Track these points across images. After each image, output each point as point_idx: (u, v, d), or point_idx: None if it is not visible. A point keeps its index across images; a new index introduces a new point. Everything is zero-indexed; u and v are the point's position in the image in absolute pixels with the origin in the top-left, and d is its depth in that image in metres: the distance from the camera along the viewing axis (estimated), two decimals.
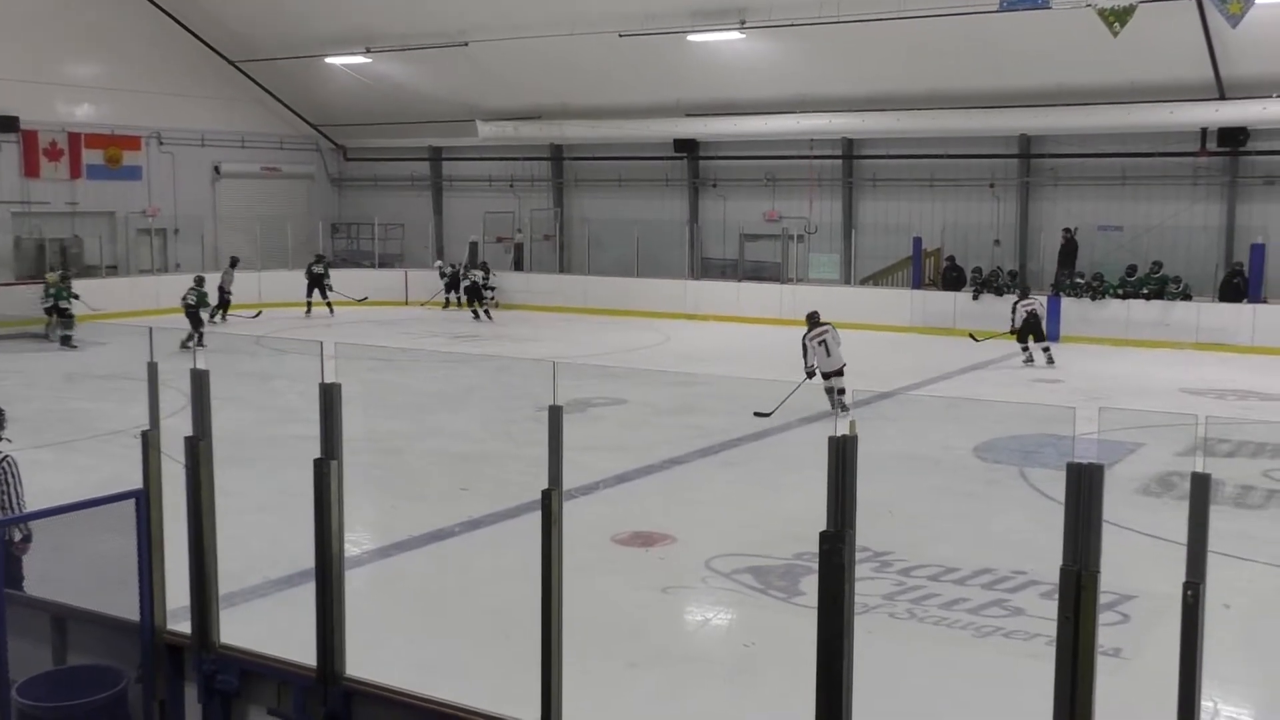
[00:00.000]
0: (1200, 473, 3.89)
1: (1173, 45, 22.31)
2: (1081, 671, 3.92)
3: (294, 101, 35.17)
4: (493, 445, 14.67)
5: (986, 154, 27.55)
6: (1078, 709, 3.94)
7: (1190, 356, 22.68)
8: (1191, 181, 25.66)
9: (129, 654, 6.45)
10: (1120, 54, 20.81)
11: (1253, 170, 25.16)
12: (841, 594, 4.35)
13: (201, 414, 6.26)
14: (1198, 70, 23.27)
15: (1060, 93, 25.06)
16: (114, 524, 6.30)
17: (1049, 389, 18.86)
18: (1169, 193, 25.89)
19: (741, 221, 31.20)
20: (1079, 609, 3.90)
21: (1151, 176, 25.91)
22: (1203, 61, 22.99)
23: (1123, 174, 26.19)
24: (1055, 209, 27.30)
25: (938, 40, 23.92)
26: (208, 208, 33.46)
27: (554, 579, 5.13)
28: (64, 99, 30.43)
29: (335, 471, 5.74)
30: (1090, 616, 3.90)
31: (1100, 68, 23.24)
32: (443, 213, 36.03)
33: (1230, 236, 25.29)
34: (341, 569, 5.90)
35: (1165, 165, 25.71)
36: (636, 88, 29.29)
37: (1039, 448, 13.98)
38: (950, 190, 28.31)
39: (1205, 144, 25.15)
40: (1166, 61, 22.96)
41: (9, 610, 6.03)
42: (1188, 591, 3.81)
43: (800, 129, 28.59)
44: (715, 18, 25.93)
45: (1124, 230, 26.10)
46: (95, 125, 30.99)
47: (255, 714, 6.19)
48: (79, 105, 30.82)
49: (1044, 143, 27.19)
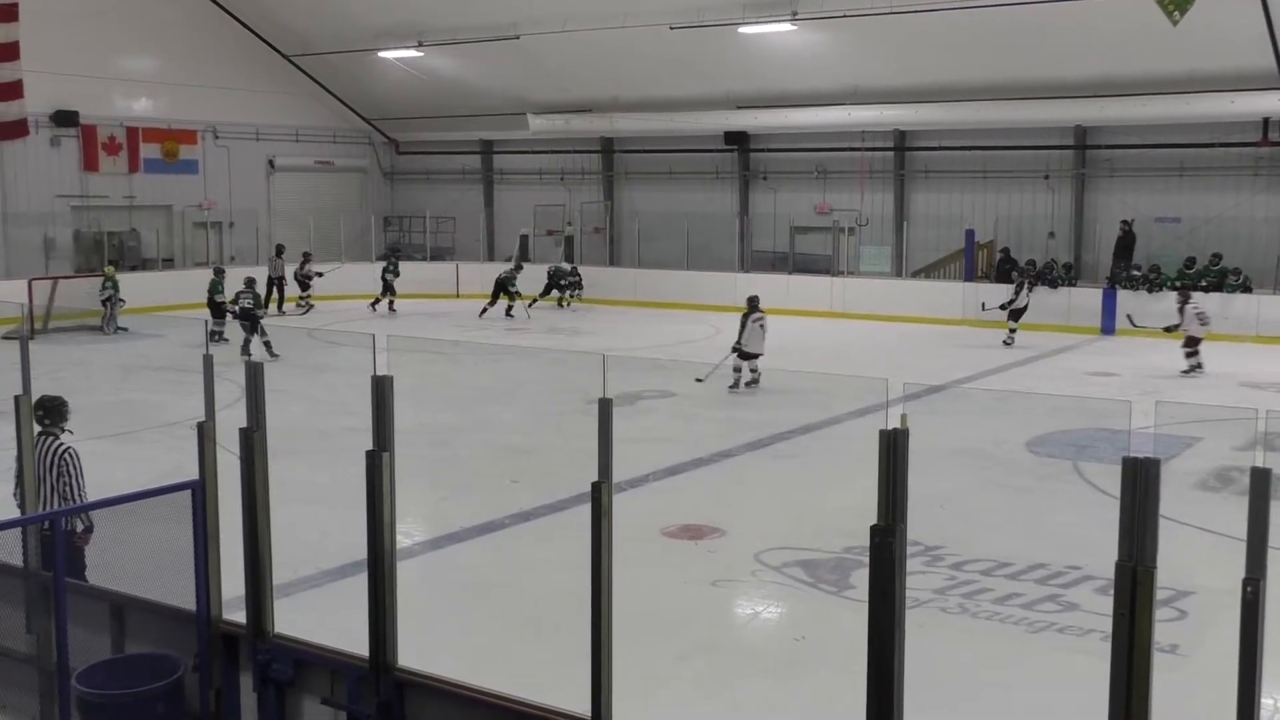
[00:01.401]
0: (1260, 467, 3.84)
1: (1233, 33, 21.99)
2: (1138, 668, 3.89)
3: (347, 95, 35.39)
4: (543, 438, 14.70)
5: (1041, 145, 27.23)
6: (1134, 706, 3.90)
7: (1250, 350, 22.37)
8: (1252, 172, 25.28)
9: (186, 643, 6.53)
10: (1179, 42, 20.51)
11: None
12: (893, 588, 4.33)
13: (256, 406, 6.32)
14: (1259, 58, 22.91)
15: (1117, 83, 24.73)
16: (171, 514, 6.38)
17: (1103, 383, 18.66)
18: (1229, 184, 25.53)
19: (792, 214, 31.03)
20: (1135, 605, 3.86)
21: (1211, 167, 25.54)
22: (1264, 49, 22.63)
23: (1181, 165, 25.82)
24: (1111, 201, 26.98)
25: (991, 30, 23.71)
26: (262, 201, 33.74)
27: (604, 571, 5.14)
28: (122, 94, 30.78)
29: (387, 463, 5.79)
30: (1147, 613, 3.86)
31: (1158, 57, 22.93)
32: (493, 206, 36.15)
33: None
34: (393, 560, 5.94)
35: (1225, 156, 25.33)
36: (687, 80, 29.22)
37: (1093, 442, 13.81)
38: (1004, 182, 28.03)
39: (1267, 134, 24.79)
40: (1227, 50, 22.61)
41: (70, 599, 6.12)
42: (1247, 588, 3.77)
43: (851, 121, 28.43)
44: (767, 9, 25.81)
45: (1182, 222, 25.77)
46: (152, 120, 31.33)
47: (309, 703, 6.24)
48: (137, 100, 31.18)
49: (1100, 133, 26.86)
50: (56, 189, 29.37)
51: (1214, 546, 9.27)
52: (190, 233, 32.07)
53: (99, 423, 12.68)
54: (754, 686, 7.52)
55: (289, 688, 6.29)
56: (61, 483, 7.78)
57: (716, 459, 13.54)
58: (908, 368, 19.29)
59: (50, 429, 7.99)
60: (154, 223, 31.26)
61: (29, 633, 6.89)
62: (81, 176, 30.00)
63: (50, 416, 8.09)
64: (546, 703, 5.42)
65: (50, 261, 28.27)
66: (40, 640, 6.69)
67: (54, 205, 29.20)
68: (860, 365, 19.94)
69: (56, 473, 7.77)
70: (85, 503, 7.59)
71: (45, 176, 29.07)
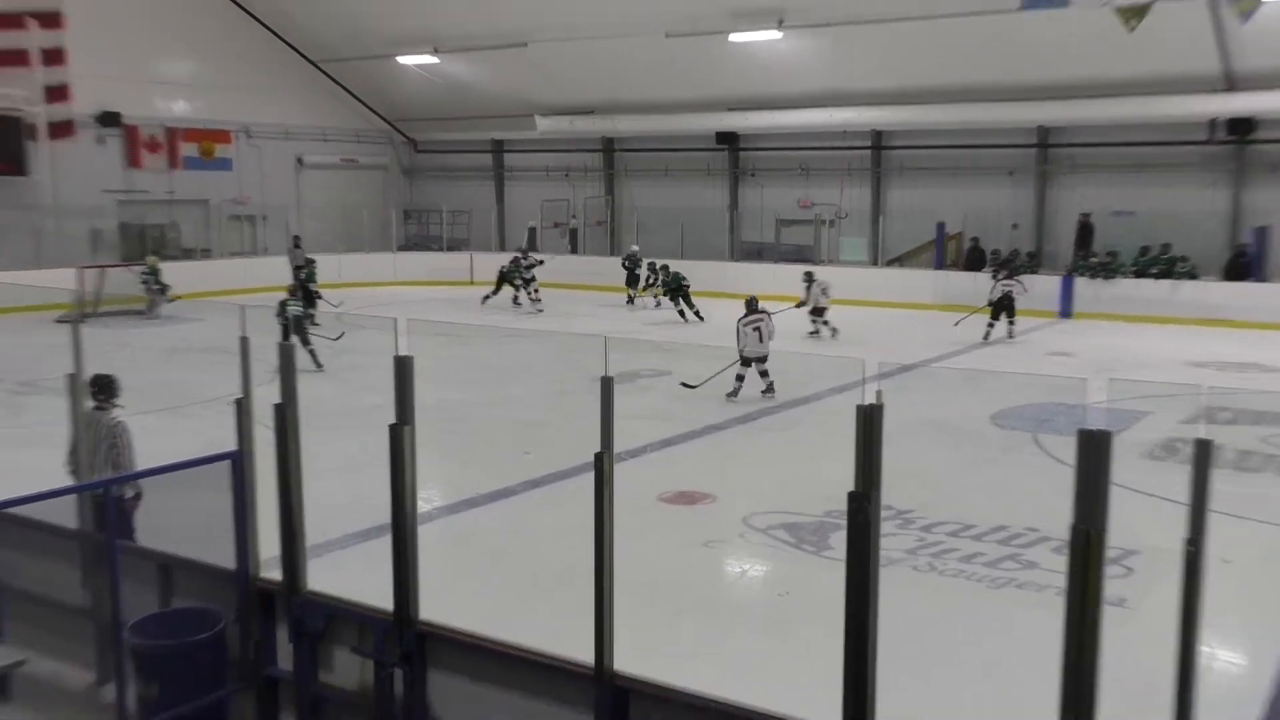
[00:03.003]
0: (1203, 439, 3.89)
1: (1184, 40, 21.93)
2: (1089, 620, 3.94)
3: (369, 98, 35.30)
4: (550, 413, 14.73)
5: (1006, 144, 27.22)
6: (1085, 655, 3.95)
7: (1195, 331, 22.41)
8: (1201, 168, 25.26)
9: (227, 598, 6.59)
10: (1134, 49, 20.45)
11: (1259, 158, 24.73)
12: (868, 549, 4.37)
13: (289, 384, 6.36)
14: (1208, 63, 22.91)
15: (1076, 86, 24.71)
16: (212, 482, 6.42)
17: (1062, 361, 18.70)
18: (1179, 179, 25.48)
19: (777, 208, 31.05)
20: (1087, 563, 3.91)
21: (1163, 164, 25.49)
22: (1212, 55, 22.64)
23: (1135, 162, 25.77)
24: (1071, 195, 26.96)
25: (961, 38, 23.66)
26: (291, 196, 33.65)
27: (606, 534, 5.19)
28: (162, 96, 30.70)
29: (408, 436, 5.83)
30: (1097, 570, 3.91)
31: (1115, 62, 22.86)
32: (504, 200, 36.10)
33: (1236, 220, 24.92)
34: (415, 524, 5.99)
35: (1176, 154, 25.30)
36: (682, 84, 29.14)
37: (1051, 416, 13.86)
38: (972, 178, 28.00)
39: (1214, 133, 24.78)
40: (1178, 55, 22.55)
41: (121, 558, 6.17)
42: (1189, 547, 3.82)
43: (832, 122, 28.37)
44: (755, 18, 25.79)
45: (1136, 215, 25.73)
46: (190, 120, 31.25)
47: (339, 653, 6.30)
48: (175, 102, 31.08)
49: (1061, 133, 26.84)
50: (103, 184, 29.29)
51: (1159, 510, 9.32)
52: (226, 225, 32.08)
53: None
54: (742, 638, 7.57)
55: (320, 639, 6.34)
56: (114, 453, 7.82)
57: (708, 431, 13.58)
58: (882, 349, 19.32)
59: (104, 404, 8.04)
60: (192, 216, 31.25)
61: (85, 589, 6.95)
62: (125, 173, 29.94)
63: (104, 393, 8.13)
64: (554, 652, 5.47)
65: (98, 251, 28.25)
66: (95, 596, 6.76)
67: (100, 199, 29.12)
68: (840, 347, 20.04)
69: (109, 444, 7.83)
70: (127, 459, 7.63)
71: (92, 173, 28.97)
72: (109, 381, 8.23)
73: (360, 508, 8.35)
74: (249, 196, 32.52)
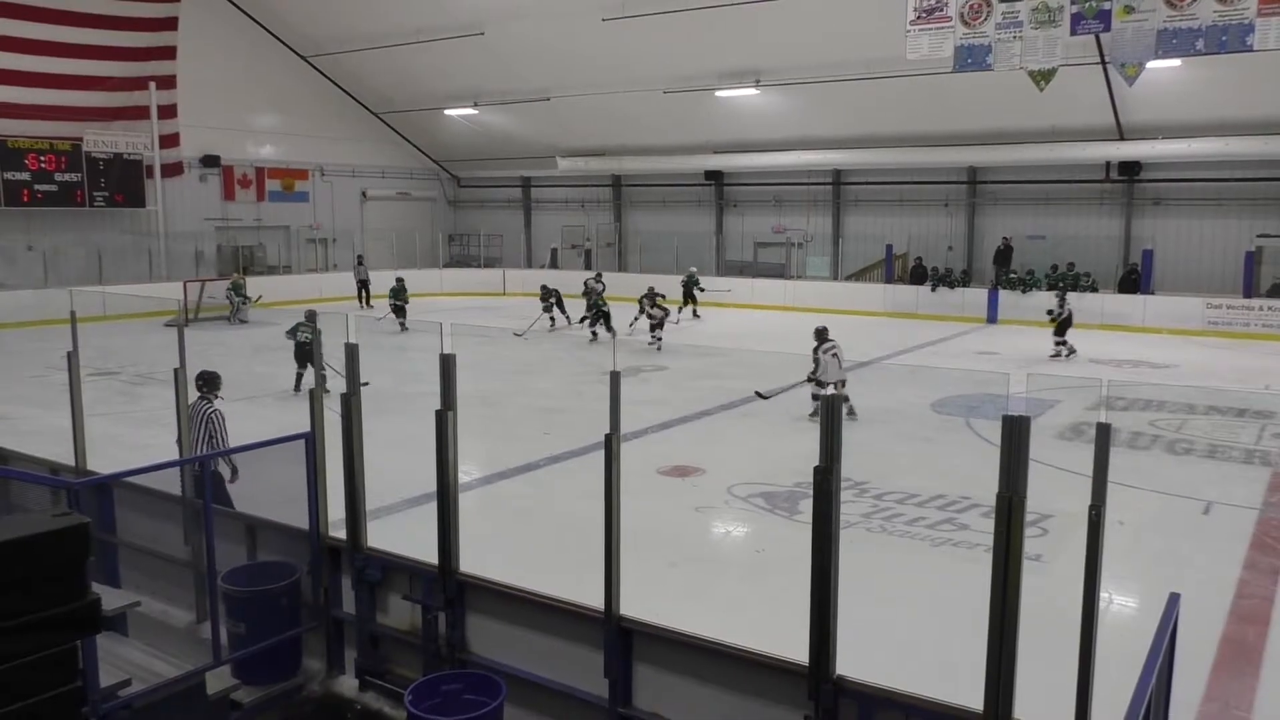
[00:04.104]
0: (1103, 423, 3.85)
1: (1085, 98, 22.00)
2: (1011, 571, 3.91)
3: (421, 142, 35.28)
4: (568, 400, 14.72)
5: (942, 180, 27.19)
6: (1009, 600, 3.92)
7: (1096, 335, 22.35)
8: (1098, 201, 25.25)
9: (301, 553, 6.56)
10: (1044, 104, 20.50)
11: (1144, 194, 24.81)
12: (830, 513, 4.34)
13: (353, 377, 6.33)
14: (1103, 117, 22.98)
15: (999, 134, 24.72)
16: (289, 457, 6.39)
17: (989, 359, 18.65)
18: (1081, 210, 25.53)
19: (755, 232, 31.02)
20: (1010, 526, 3.87)
21: (1068, 198, 25.53)
22: (1106, 110, 22.72)
23: (1046, 196, 25.79)
24: (995, 223, 26.91)
25: (906, 94, 23.62)
26: (356, 223, 33.67)
27: (614, 500, 5.15)
28: (253, 142, 30.74)
29: (451, 420, 5.80)
30: (1018, 531, 3.87)
31: (1029, 114, 22.89)
32: (531, 226, 36.05)
33: (1127, 244, 24.99)
34: (456, 491, 5.96)
35: (1078, 189, 25.32)
36: (676, 131, 29.11)
37: (981, 404, 13.83)
38: (914, 208, 27.96)
39: (1109, 173, 24.85)
40: (1079, 110, 22.60)
41: (215, 520, 6.15)
42: (1092, 512, 3.78)
43: (800, 162, 28.35)
44: (737, 78, 25.79)
45: (1047, 239, 25.76)
46: (275, 161, 31.29)
47: (393, 599, 6.28)
48: (263, 146, 31.11)
49: (986, 172, 26.78)
50: (204, 214, 29.37)
51: (1068, 481, 9.28)
52: (303, 247, 32.09)
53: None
54: (726, 586, 7.55)
55: (378, 587, 6.32)
56: (212, 438, 7.80)
57: (699, 416, 13.56)
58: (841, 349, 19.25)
59: (207, 395, 8.01)
60: (275, 239, 31.28)
61: (186, 544, 6.93)
62: (222, 204, 30.00)
63: (208, 386, 8.11)
64: (571, 599, 5.44)
65: (199, 268, 28.26)
66: (194, 550, 6.74)
67: (202, 226, 29.19)
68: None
69: (209, 429, 7.80)
70: (228, 448, 7.60)
71: (195, 204, 29.08)
72: (212, 376, 8.21)
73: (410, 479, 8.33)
74: (321, 223, 32.55)
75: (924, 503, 9.40)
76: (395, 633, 6.23)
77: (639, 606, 5.20)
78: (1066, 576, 4.41)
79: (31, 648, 2.49)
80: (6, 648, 2.44)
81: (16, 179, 24.75)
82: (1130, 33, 15.95)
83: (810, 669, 4.45)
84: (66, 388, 7.98)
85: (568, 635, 5.41)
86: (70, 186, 25.75)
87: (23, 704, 2.50)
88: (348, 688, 6.37)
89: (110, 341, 19.12)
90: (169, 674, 5.03)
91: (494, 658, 5.71)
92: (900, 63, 19.05)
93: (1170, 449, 11.96)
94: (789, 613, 4.89)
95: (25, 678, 2.49)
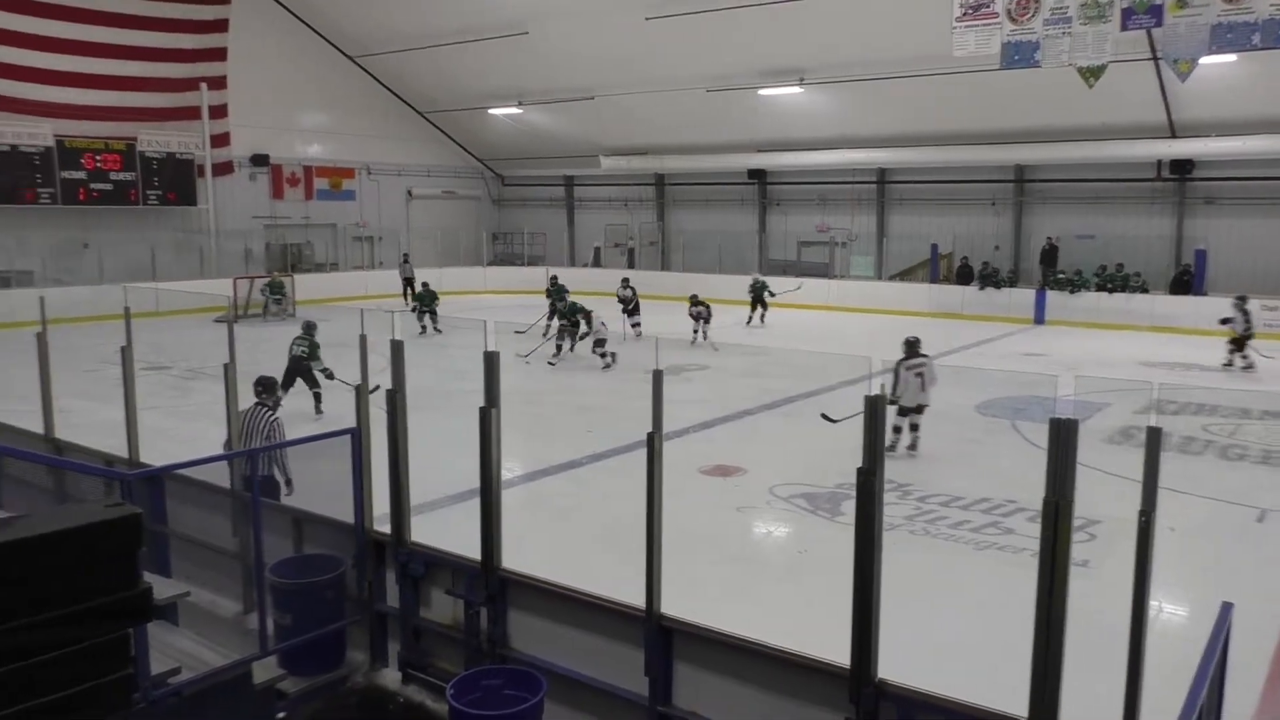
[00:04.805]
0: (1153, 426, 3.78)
1: (1135, 95, 21.63)
2: (1057, 577, 3.85)
3: (466, 141, 35.52)
4: (610, 398, 14.74)
5: (989, 179, 26.83)
6: (1054, 606, 3.86)
7: (1147, 337, 21.95)
8: (1149, 201, 24.78)
9: (346, 547, 6.63)
10: (1094, 102, 20.15)
11: (1197, 193, 24.30)
12: (873, 515, 4.30)
13: (398, 374, 6.39)
14: (1154, 114, 22.57)
15: (1047, 131, 24.35)
16: (336, 453, 6.46)
17: (1035, 361, 18.38)
18: (1131, 209, 25.07)
19: (798, 232, 30.84)
20: (1057, 530, 3.82)
21: (1118, 197, 25.08)
22: (1158, 107, 22.30)
23: (1095, 195, 25.35)
24: (1043, 222, 26.53)
25: (952, 91, 23.35)
26: (402, 221, 33.97)
27: (655, 499, 5.15)
28: (301, 141, 31.14)
29: (495, 417, 5.83)
30: (1065, 536, 3.81)
31: (1078, 112, 22.52)
32: (574, 225, 36.15)
33: (1179, 244, 24.52)
34: (499, 488, 5.99)
35: (1128, 188, 24.87)
36: (719, 130, 29.03)
37: (1027, 406, 13.64)
38: (960, 207, 27.64)
39: (1160, 172, 24.38)
40: (1130, 107, 22.22)
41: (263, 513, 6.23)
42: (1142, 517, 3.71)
43: (844, 161, 28.14)
44: (780, 76, 25.65)
45: (1096, 238, 25.33)
46: (322, 160, 31.67)
47: (436, 593, 6.32)
48: (311, 146, 31.50)
49: (1034, 170, 26.40)
50: (253, 212, 29.80)
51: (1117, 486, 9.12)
52: (350, 245, 32.46)
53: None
54: (767, 586, 7.52)
55: (421, 581, 6.37)
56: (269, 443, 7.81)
57: (740, 416, 13.52)
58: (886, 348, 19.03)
59: (264, 401, 8.04)
60: (323, 237, 31.65)
61: (235, 536, 7.03)
62: (271, 202, 30.42)
63: (266, 391, 8.17)
64: (612, 596, 5.45)
65: (248, 265, 28.70)
66: (243, 542, 6.83)
67: (251, 224, 29.62)
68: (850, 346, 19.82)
69: (265, 435, 7.76)
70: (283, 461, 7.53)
71: (245, 202, 29.52)
72: (271, 382, 8.28)
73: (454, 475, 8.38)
74: (368, 221, 32.88)
75: (968, 506, 9.28)
76: (438, 627, 6.27)
77: (680, 605, 5.19)
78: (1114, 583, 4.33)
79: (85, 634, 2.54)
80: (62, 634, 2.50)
81: (74, 178, 25.30)
82: (1183, 27, 15.63)
83: (852, 671, 4.42)
84: (120, 382, 8.12)
85: (608, 633, 5.42)
86: (125, 185, 26.27)
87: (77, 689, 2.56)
88: (390, 680, 6.43)
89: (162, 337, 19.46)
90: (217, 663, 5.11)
91: (535, 654, 5.73)
92: (946, 60, 18.81)
93: (1223, 454, 11.70)
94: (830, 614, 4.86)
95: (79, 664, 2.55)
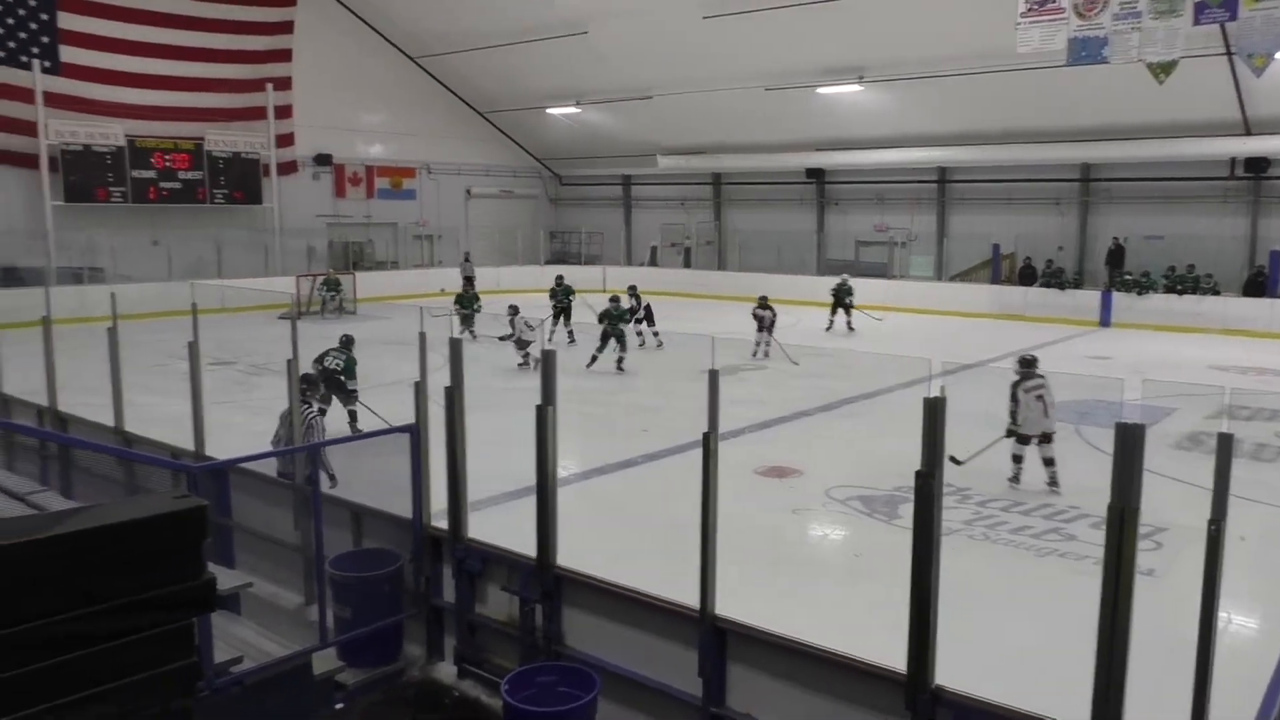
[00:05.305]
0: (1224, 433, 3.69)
1: (1207, 91, 21.03)
2: (1122, 587, 3.77)
3: (524, 141, 35.78)
4: (665, 399, 14.71)
5: (1052, 178, 26.29)
6: (1119, 617, 3.78)
7: (1217, 340, 21.35)
8: (1222, 200, 24.08)
9: (404, 542, 6.72)
10: (1164, 98, 19.59)
11: (1273, 192, 23.55)
12: (931, 519, 4.25)
13: (457, 371, 6.46)
14: (1227, 111, 21.90)
15: (1114, 129, 23.77)
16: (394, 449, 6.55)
17: (1101, 364, 17.98)
18: (1202, 209, 24.37)
19: (857, 231, 30.55)
20: (1122, 537, 3.74)
21: (1189, 196, 24.40)
22: (1231, 104, 21.64)
23: (1165, 194, 24.71)
24: (1109, 222, 25.93)
25: (1014, 88, 22.94)
26: (461, 220, 34.33)
27: (711, 500, 5.14)
28: (362, 141, 31.63)
29: (551, 415, 5.87)
30: (1131, 543, 3.73)
31: (1147, 109, 21.95)
32: (631, 224, 36.22)
33: (1253, 244, 23.76)
34: (555, 486, 6.03)
35: (1200, 188, 24.18)
36: (777, 129, 28.86)
37: (1092, 410, 13.32)
38: (1023, 206, 27.13)
39: (1234, 171, 23.67)
40: (1202, 104, 21.60)
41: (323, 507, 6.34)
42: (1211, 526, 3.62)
43: (904, 160, 27.80)
44: (839, 74, 25.41)
45: (1165, 239, 24.68)
46: (383, 160, 32.14)
47: (492, 590, 6.38)
48: (373, 145, 31.98)
49: (1100, 169, 25.81)
50: (316, 210, 30.35)
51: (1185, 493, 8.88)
52: (410, 243, 32.89)
53: None
54: (823, 590, 7.45)
55: (478, 577, 6.43)
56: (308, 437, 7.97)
57: (797, 417, 13.42)
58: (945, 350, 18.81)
59: (307, 399, 8.16)
60: (384, 235, 32.12)
61: (296, 530, 7.17)
62: (334, 201, 30.96)
63: (310, 389, 8.31)
64: (666, 596, 5.45)
65: (311, 263, 29.23)
66: (304, 535, 6.96)
67: (314, 223, 30.17)
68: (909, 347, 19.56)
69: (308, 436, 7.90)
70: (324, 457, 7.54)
71: (308, 201, 30.07)
72: (313, 379, 8.43)
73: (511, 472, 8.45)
74: (428, 220, 33.29)
75: (1029, 511, 9.12)
76: (493, 623, 6.33)
77: (734, 607, 5.18)
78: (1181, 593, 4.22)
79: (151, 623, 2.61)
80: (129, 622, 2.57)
81: (144, 177, 26.01)
82: (1259, 20, 15.16)
83: (908, 677, 4.37)
84: (187, 376, 8.32)
85: (663, 632, 5.42)
86: (193, 184, 26.93)
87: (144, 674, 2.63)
88: (446, 674, 6.50)
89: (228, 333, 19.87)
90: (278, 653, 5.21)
91: (589, 651, 5.76)
92: (1009, 56, 18.47)
93: None
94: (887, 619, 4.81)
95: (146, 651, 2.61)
